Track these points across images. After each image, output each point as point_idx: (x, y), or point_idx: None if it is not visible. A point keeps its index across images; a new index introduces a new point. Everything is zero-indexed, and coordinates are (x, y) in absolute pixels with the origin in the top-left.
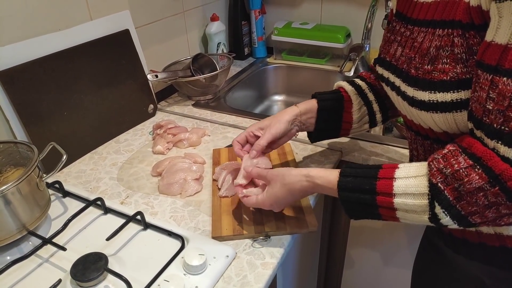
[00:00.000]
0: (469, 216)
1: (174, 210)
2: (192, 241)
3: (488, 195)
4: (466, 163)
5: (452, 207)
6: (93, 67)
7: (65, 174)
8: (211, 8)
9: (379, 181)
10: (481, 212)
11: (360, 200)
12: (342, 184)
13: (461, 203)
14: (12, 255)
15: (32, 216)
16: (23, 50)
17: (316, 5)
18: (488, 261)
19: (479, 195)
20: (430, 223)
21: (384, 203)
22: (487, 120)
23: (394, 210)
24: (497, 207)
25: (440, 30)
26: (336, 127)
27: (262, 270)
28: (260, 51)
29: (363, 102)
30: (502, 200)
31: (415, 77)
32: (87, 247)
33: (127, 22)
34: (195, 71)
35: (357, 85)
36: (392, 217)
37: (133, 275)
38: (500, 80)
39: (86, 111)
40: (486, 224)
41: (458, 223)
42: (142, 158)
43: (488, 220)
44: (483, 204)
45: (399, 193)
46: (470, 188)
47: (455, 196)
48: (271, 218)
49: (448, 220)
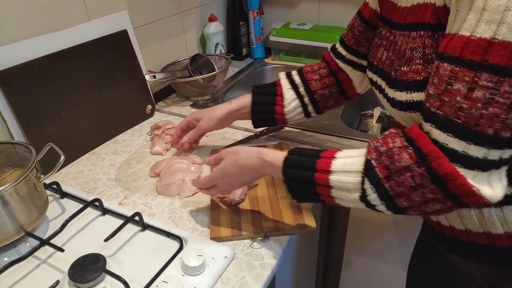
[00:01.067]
0: (396, 198)
1: (172, 211)
2: (190, 242)
3: (415, 176)
4: (401, 143)
5: (381, 185)
6: (91, 68)
7: (63, 175)
8: (209, 9)
9: (320, 159)
10: (408, 194)
11: (300, 177)
12: (287, 160)
13: (390, 182)
14: (10, 256)
15: (30, 217)
16: (20, 51)
17: (314, 6)
18: (478, 259)
19: (406, 175)
20: (360, 202)
21: (321, 180)
22: (427, 104)
23: (329, 188)
24: (422, 190)
25: (414, 32)
26: (269, 118)
27: (260, 271)
28: (258, 51)
29: (295, 96)
30: (427, 182)
31: (395, 79)
32: (85, 248)
33: (125, 22)
34: (193, 72)
35: (292, 79)
36: (328, 196)
37: (131, 276)
38: (442, 66)
39: (84, 111)
40: (413, 210)
41: (385, 203)
42: (140, 158)
43: (414, 204)
44: (410, 186)
45: (336, 170)
46: (399, 166)
47: (385, 174)
48: (270, 219)
49: (376, 198)
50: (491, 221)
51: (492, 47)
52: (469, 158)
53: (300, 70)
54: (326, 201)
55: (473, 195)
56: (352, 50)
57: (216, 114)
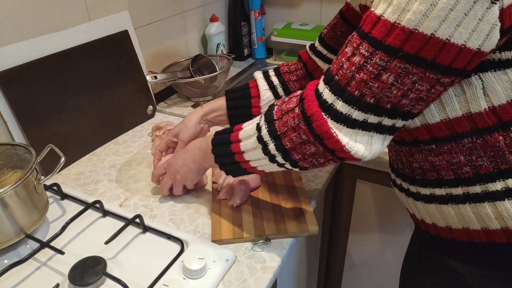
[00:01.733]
0: (282, 138)
1: (173, 213)
2: (191, 244)
3: (295, 117)
4: (294, 103)
5: (272, 124)
6: (92, 68)
7: (63, 176)
8: (211, 9)
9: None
10: (289, 134)
11: (223, 151)
12: (214, 140)
13: (279, 123)
14: (10, 258)
15: (30, 219)
16: (21, 52)
17: (316, 6)
18: (462, 258)
19: (290, 115)
20: (258, 145)
21: (235, 149)
22: (331, 67)
23: (242, 153)
24: (298, 131)
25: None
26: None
27: (262, 274)
28: (260, 52)
29: (272, 97)
30: (301, 122)
31: None
32: (85, 250)
33: (126, 22)
34: (194, 72)
35: (270, 81)
36: (244, 161)
37: (132, 279)
38: (354, 35)
39: (84, 112)
40: (296, 153)
41: (274, 142)
42: (141, 160)
43: (295, 146)
44: (291, 126)
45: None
46: (287, 108)
47: (278, 116)
48: (271, 222)
49: (266, 134)
50: (468, 216)
51: (378, 22)
52: (335, 111)
53: (278, 71)
54: (240, 163)
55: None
56: (332, 49)
57: (190, 122)
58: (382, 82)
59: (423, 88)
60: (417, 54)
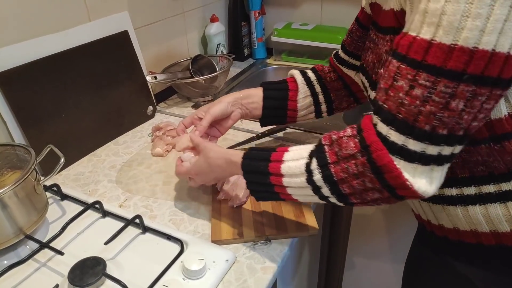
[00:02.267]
0: (340, 184)
1: (173, 214)
2: (191, 245)
3: (358, 164)
4: (351, 132)
5: (327, 169)
6: (92, 69)
7: (63, 177)
8: (211, 9)
9: (275, 152)
10: (350, 181)
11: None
12: (246, 154)
13: (336, 167)
14: (9, 259)
15: (29, 220)
16: (21, 52)
17: (316, 6)
18: (470, 260)
19: (351, 162)
20: (307, 185)
21: (274, 169)
22: (377, 96)
23: (281, 176)
24: (363, 179)
25: (387, 36)
26: (281, 114)
27: (262, 274)
28: (260, 52)
29: (309, 93)
30: (367, 171)
31: (375, 81)
32: (85, 251)
33: (126, 23)
34: (194, 73)
35: (307, 77)
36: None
37: (131, 280)
38: (392, 62)
39: (84, 113)
40: (355, 197)
41: (330, 187)
42: (141, 160)
43: (355, 191)
44: (353, 173)
45: (287, 159)
46: (346, 154)
47: (334, 160)
48: (272, 222)
49: (320, 179)
50: (476, 218)
51: (431, 48)
52: (408, 151)
53: (314, 69)
54: (279, 194)
55: (406, 188)
56: (353, 54)
57: (224, 99)
58: (452, 110)
59: (490, 107)
60: (483, 73)
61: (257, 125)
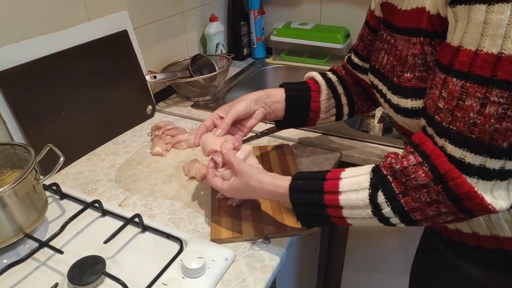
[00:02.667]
0: (411, 213)
1: (172, 212)
2: (190, 243)
3: (431, 193)
4: (415, 160)
5: (397, 200)
6: (91, 68)
7: (62, 176)
8: (210, 9)
9: (327, 182)
10: (423, 209)
11: (309, 201)
12: (292, 186)
13: (405, 198)
14: (9, 258)
15: (28, 219)
16: (20, 52)
17: (316, 5)
18: (488, 265)
19: (423, 191)
20: (374, 217)
21: (331, 202)
22: (438, 118)
23: (340, 209)
24: (437, 205)
25: (414, 38)
26: (303, 116)
27: (261, 273)
28: (259, 51)
29: (331, 94)
30: (442, 198)
31: (398, 85)
32: (84, 250)
33: (125, 22)
34: (193, 72)
35: (328, 78)
36: (340, 217)
37: (131, 279)
38: (451, 80)
39: (84, 112)
40: (426, 222)
41: (399, 217)
42: (140, 159)
43: (428, 217)
44: (426, 201)
45: (344, 190)
46: (416, 184)
47: (401, 190)
48: (271, 221)
49: (390, 212)
50: (499, 224)
51: (500, 62)
52: (486, 170)
53: (333, 69)
54: (336, 223)
55: (487, 211)
56: (366, 59)
57: (247, 96)
58: None
59: None
60: None
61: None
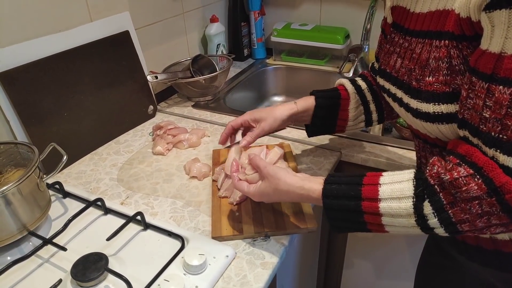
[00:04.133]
0: (459, 224)
1: (174, 211)
2: (192, 241)
3: (483, 204)
4: (466, 171)
5: (444, 211)
6: (93, 68)
7: (65, 175)
8: (211, 10)
9: (364, 187)
10: (472, 220)
11: (344, 207)
12: (326, 191)
13: (454, 209)
14: (13, 255)
15: (32, 217)
16: (23, 52)
17: (315, 6)
18: (503, 267)
19: (474, 203)
20: (417, 226)
21: (370, 209)
22: (485, 128)
23: (379, 216)
24: (489, 217)
25: (437, 41)
26: (331, 124)
27: (261, 270)
28: (260, 52)
29: (360, 102)
30: (495, 210)
31: (418, 89)
32: (87, 247)
33: (127, 23)
34: (194, 72)
35: (358, 85)
36: (378, 224)
37: (133, 275)
38: (497, 89)
39: (86, 112)
40: (472, 233)
41: (445, 228)
42: (142, 159)
43: (476, 228)
44: (476, 213)
45: (385, 197)
46: (467, 196)
47: (450, 201)
48: (271, 218)
49: (436, 223)
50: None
51: None
52: None
53: (363, 75)
54: (372, 230)
55: None
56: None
57: (280, 115)
58: None
59: None
60: None
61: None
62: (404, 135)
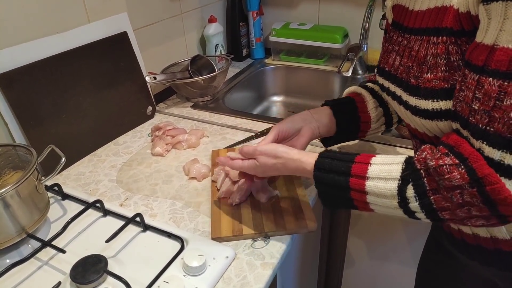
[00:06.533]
0: (440, 211)
1: (173, 212)
2: (191, 242)
3: (464, 194)
4: (451, 161)
5: (426, 197)
6: (92, 70)
7: (64, 177)
8: (209, 10)
9: (355, 165)
10: (453, 209)
11: (333, 182)
12: (318, 163)
13: (436, 196)
14: (12, 258)
15: (31, 219)
16: (21, 53)
17: (314, 6)
18: (504, 266)
19: (455, 192)
20: (399, 208)
21: (356, 186)
22: (473, 120)
23: (365, 194)
24: (469, 208)
25: (434, 38)
26: (354, 129)
27: (262, 270)
28: (258, 52)
29: (378, 103)
30: (476, 201)
31: (416, 86)
32: (86, 249)
33: (125, 24)
34: (193, 73)
35: (370, 88)
36: (364, 202)
37: (132, 277)
38: (486, 81)
39: (84, 113)
40: (453, 222)
41: (426, 213)
42: (141, 160)
43: (457, 218)
44: (457, 202)
45: (372, 176)
46: (449, 185)
47: (433, 187)
48: (271, 219)
49: (417, 207)
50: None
51: None
52: None
53: (372, 80)
54: (359, 207)
55: None
56: None
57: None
58: None
59: None
60: None
61: (256, 124)
62: (404, 134)
